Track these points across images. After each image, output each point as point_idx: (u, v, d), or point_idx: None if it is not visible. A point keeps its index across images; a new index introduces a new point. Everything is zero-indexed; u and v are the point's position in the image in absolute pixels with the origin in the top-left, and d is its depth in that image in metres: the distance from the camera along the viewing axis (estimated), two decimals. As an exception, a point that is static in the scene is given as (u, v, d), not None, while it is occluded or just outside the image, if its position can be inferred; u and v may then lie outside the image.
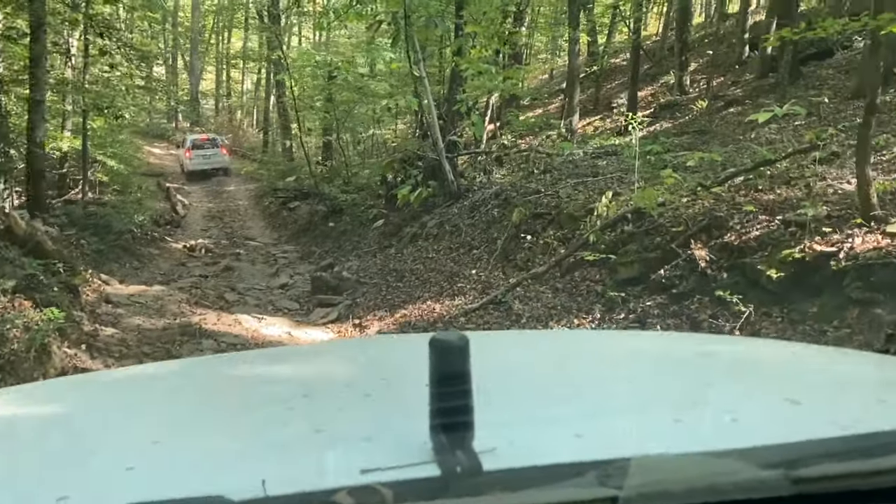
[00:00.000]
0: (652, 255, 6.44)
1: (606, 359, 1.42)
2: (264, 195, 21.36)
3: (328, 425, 0.96)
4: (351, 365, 1.44)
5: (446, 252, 10.11)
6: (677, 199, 6.78)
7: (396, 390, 1.13)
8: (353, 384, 1.24)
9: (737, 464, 0.72)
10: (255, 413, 1.08)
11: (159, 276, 11.43)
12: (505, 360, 1.31)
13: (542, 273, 7.50)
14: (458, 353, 0.76)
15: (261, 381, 1.31)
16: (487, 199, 10.79)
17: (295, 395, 1.13)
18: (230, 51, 34.03)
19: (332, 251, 13.54)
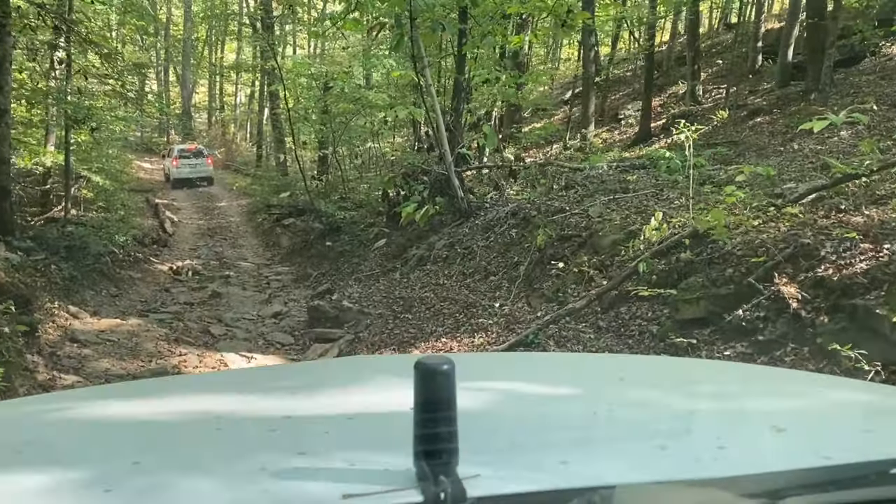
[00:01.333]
0: (723, 291, 5.21)
1: (593, 383, 1.37)
2: (257, 211, 20.09)
3: (311, 449, 0.92)
4: (334, 386, 1.38)
5: (459, 278, 8.86)
6: (746, 222, 5.56)
7: (380, 414, 1.08)
8: (337, 406, 1.17)
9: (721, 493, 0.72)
10: (237, 434, 1.04)
11: (139, 305, 10.13)
12: (491, 384, 1.27)
13: (581, 308, 6.25)
14: (443, 378, 0.74)
15: (243, 401, 1.25)
16: (503, 217, 9.56)
17: (277, 416, 1.08)
18: (223, 62, 32.78)
19: (329, 274, 12.26)
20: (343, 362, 3.05)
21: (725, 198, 6.00)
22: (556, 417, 1.08)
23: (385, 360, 2.65)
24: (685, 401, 1.24)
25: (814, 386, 1.51)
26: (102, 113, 16.85)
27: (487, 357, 3.22)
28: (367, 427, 1.03)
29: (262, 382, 1.46)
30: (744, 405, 1.20)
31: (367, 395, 1.26)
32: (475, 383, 1.11)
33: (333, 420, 1.07)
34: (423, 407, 0.74)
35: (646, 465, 0.85)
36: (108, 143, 20.97)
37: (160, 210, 19.51)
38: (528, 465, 0.84)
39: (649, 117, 15.46)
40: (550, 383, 1.37)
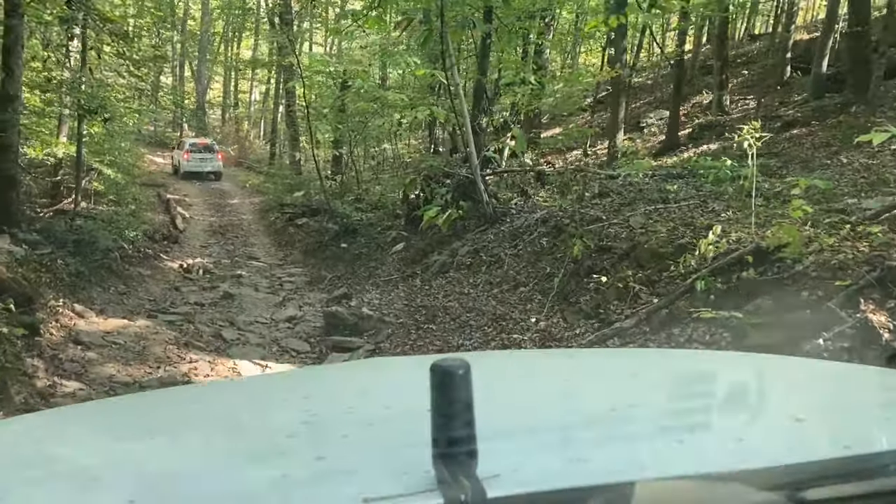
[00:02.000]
0: (797, 316, 4.63)
1: (610, 380, 1.35)
2: (270, 209, 19.57)
3: (330, 454, 0.91)
4: (351, 390, 1.35)
5: (486, 288, 8.30)
6: (820, 240, 4.99)
7: (398, 417, 1.05)
8: (355, 410, 1.14)
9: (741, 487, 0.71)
10: (256, 442, 1.03)
11: (147, 304, 9.59)
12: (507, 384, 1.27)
13: (629, 328, 5.68)
14: (459, 379, 0.73)
15: (260, 408, 1.24)
16: (532, 225, 9.00)
17: (295, 422, 1.06)
18: (239, 58, 32.30)
19: (345, 277, 11.71)
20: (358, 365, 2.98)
21: (792, 212, 5.43)
22: (573, 415, 1.07)
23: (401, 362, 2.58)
24: (702, 394, 1.19)
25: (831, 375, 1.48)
26: (116, 104, 16.32)
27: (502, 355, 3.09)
28: (385, 430, 1.01)
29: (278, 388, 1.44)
30: (761, 397, 1.18)
31: (384, 399, 1.23)
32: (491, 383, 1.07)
33: (352, 424, 1.05)
34: (440, 410, 0.73)
35: (664, 461, 0.84)
36: (120, 136, 20.48)
37: (171, 206, 19.00)
38: (547, 464, 0.83)
39: (677, 126, 14.89)
40: (567, 380, 1.34)
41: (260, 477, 0.86)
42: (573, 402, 1.18)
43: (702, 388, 1.25)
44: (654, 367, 1.51)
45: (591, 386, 1.32)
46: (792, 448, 0.87)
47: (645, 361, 1.70)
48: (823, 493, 0.70)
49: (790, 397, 1.19)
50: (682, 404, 1.11)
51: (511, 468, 0.78)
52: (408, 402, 1.09)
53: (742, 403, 1.14)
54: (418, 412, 0.80)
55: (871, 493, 0.70)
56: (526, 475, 0.78)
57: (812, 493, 0.69)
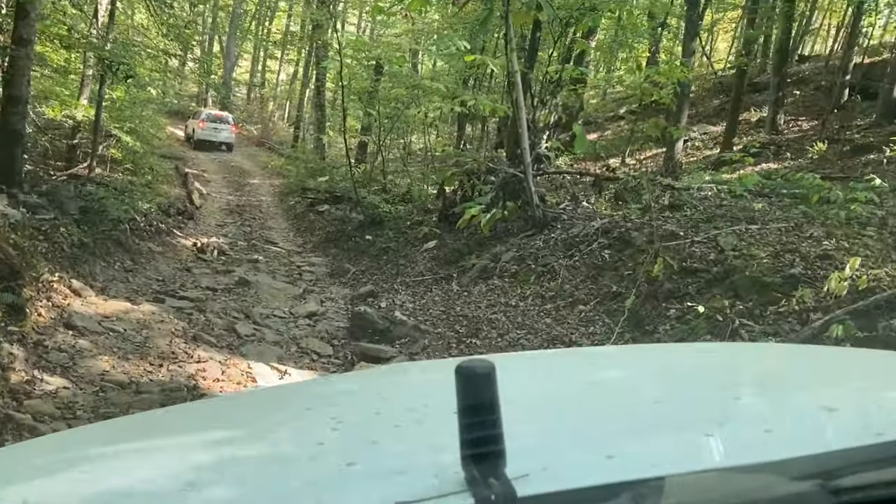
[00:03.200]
0: None
1: (634, 376, 1.30)
2: (290, 193, 18.50)
3: (359, 459, 0.88)
4: (376, 395, 1.29)
5: (537, 301, 7.20)
6: None
7: (426, 420, 1.02)
8: (382, 415, 1.12)
9: (773, 478, 0.70)
10: (284, 450, 1.01)
11: (155, 285, 8.52)
12: (533, 383, 1.23)
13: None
14: (484, 381, 0.72)
15: (287, 416, 1.19)
16: (591, 234, 7.89)
17: (324, 429, 1.03)
18: (270, 35, 31.20)
19: (370, 272, 10.61)
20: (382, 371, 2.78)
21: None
22: (600, 412, 1.05)
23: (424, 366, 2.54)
24: (729, 386, 1.15)
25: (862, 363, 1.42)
26: (141, 64, 15.25)
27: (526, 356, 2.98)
28: (414, 434, 0.99)
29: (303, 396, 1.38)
30: (790, 387, 1.14)
31: (410, 402, 1.16)
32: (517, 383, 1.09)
33: (380, 429, 1.02)
34: (467, 411, 0.71)
35: (693, 454, 0.83)
36: (143, 104, 19.46)
37: (189, 180, 17.93)
38: (575, 462, 0.82)
39: (732, 141, 13.74)
40: (592, 378, 1.29)
41: (291, 485, 0.83)
42: (599, 399, 1.13)
43: (729, 380, 1.20)
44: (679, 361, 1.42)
45: (615, 382, 1.26)
46: (822, 437, 0.86)
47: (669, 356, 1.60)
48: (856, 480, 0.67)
49: (819, 386, 1.13)
50: (709, 397, 1.07)
51: (540, 467, 0.76)
52: (434, 405, 1.05)
53: (770, 394, 1.10)
54: (445, 415, 0.77)
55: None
56: (555, 473, 0.76)
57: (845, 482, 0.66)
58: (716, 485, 0.71)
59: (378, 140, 16.18)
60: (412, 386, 1.38)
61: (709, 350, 2.09)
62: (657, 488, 0.68)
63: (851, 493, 0.66)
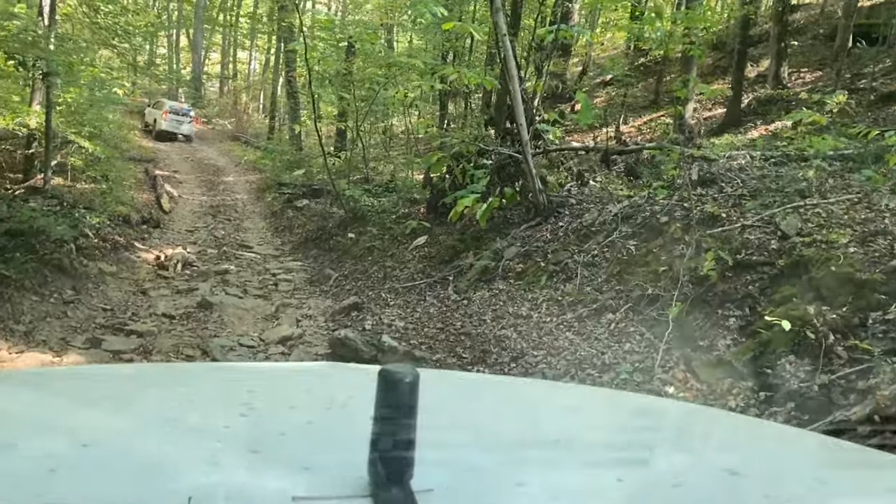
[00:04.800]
0: None
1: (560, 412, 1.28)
2: (267, 188, 16.97)
3: (265, 448, 0.85)
4: (297, 388, 1.27)
5: (553, 309, 5.79)
6: None
7: (341, 418, 1.01)
8: (297, 408, 1.08)
9: None
10: (191, 427, 0.97)
11: (100, 317, 7.06)
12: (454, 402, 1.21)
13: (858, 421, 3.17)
14: (406, 386, 0.70)
15: (202, 394, 1.17)
16: (608, 222, 6.47)
17: (235, 413, 0.98)
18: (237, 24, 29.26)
19: (354, 277, 9.18)
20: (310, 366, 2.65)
21: None
22: (516, 440, 1.03)
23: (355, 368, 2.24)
24: (647, 437, 1.14)
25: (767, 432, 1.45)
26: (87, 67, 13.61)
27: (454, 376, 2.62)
28: (325, 431, 0.95)
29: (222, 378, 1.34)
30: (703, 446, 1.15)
31: (330, 400, 1.14)
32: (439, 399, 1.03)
33: (291, 422, 0.98)
34: (382, 412, 0.70)
35: (601, 495, 0.82)
36: (102, 106, 17.80)
37: (158, 183, 16.34)
38: (483, 485, 0.79)
39: (740, 99, 12.30)
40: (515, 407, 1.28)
41: (190, 462, 0.81)
42: (518, 428, 1.11)
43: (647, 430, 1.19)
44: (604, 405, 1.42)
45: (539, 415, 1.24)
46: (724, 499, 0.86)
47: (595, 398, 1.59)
48: None
49: (729, 449, 1.13)
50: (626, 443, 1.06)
51: (445, 485, 0.74)
52: (352, 406, 1.03)
53: (683, 450, 1.10)
54: (362, 417, 0.74)
55: None
56: (460, 494, 0.75)
57: None
58: None
59: (356, 126, 14.63)
60: (335, 384, 1.31)
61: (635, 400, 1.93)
62: None
63: None
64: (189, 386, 1.21)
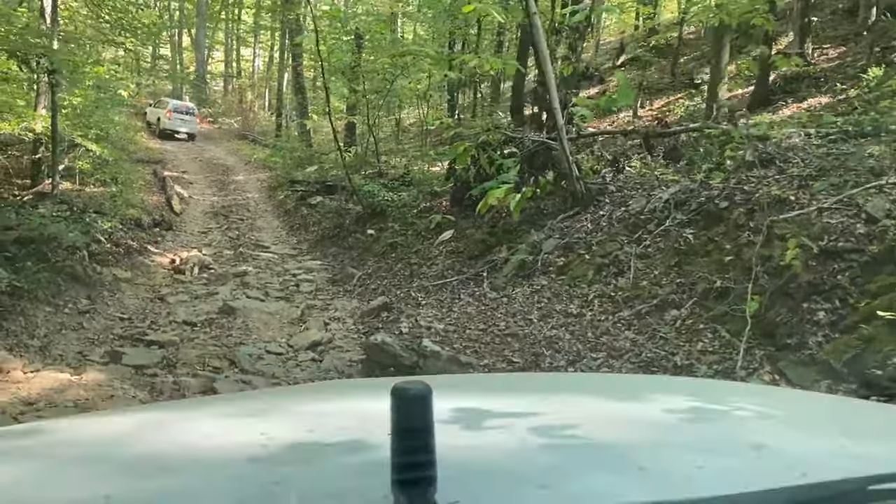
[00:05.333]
0: None
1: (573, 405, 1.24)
2: (279, 187, 16.49)
3: (287, 478, 0.83)
4: (313, 411, 1.23)
5: (606, 305, 5.31)
6: None
7: (358, 441, 0.97)
8: (314, 433, 1.04)
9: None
10: (212, 465, 0.92)
11: (117, 328, 6.61)
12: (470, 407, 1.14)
13: None
14: (420, 403, 0.69)
15: (219, 428, 1.11)
16: (658, 209, 5.97)
17: (254, 444, 0.95)
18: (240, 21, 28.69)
19: (378, 275, 8.71)
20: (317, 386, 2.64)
21: None
22: (535, 441, 0.99)
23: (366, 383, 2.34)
24: (666, 420, 1.12)
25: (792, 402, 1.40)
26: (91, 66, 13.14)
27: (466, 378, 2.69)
28: (344, 454, 0.93)
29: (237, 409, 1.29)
30: (723, 423, 1.12)
31: (346, 421, 1.11)
32: (454, 407, 1.02)
33: (311, 447, 0.97)
34: (400, 434, 0.69)
35: (625, 488, 0.80)
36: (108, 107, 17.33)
37: (168, 184, 15.89)
38: (507, 491, 0.79)
39: (768, 77, 11.75)
40: (530, 405, 1.21)
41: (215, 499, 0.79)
42: (535, 427, 1.04)
43: (664, 414, 1.16)
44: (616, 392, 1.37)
45: (552, 411, 1.18)
46: (750, 475, 0.84)
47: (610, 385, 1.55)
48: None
49: (748, 424, 1.10)
50: (645, 431, 1.03)
51: (470, 496, 0.73)
52: (369, 426, 0.97)
53: (703, 430, 1.08)
54: (379, 436, 0.76)
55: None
56: (485, 502, 0.74)
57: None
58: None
59: (367, 119, 14.13)
60: (347, 403, 1.30)
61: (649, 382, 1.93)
62: None
63: None
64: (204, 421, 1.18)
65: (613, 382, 1.79)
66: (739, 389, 1.82)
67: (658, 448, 0.95)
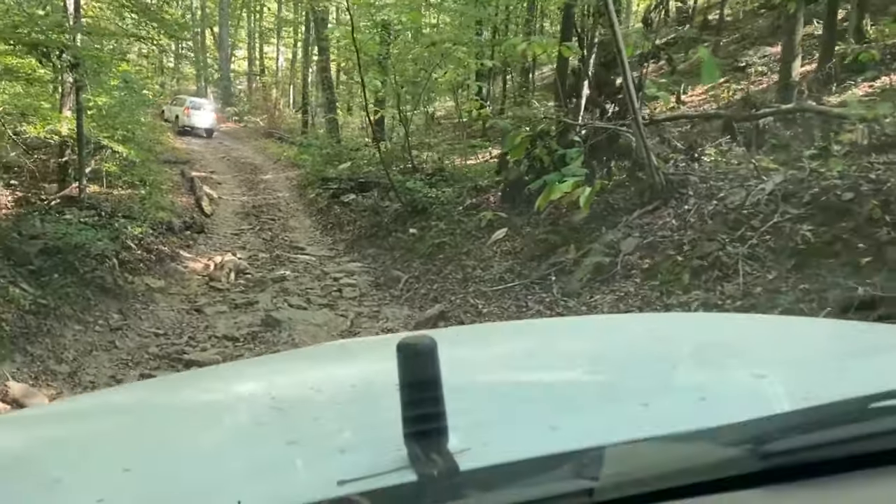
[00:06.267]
0: None
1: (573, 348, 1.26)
2: (309, 185, 15.79)
3: (300, 438, 0.84)
4: (319, 372, 1.22)
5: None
6: None
7: (368, 397, 0.99)
8: (323, 392, 1.05)
9: (706, 444, 0.70)
10: (225, 431, 0.95)
11: (153, 346, 5.92)
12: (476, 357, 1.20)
13: None
14: (426, 357, 0.68)
15: (229, 396, 1.13)
16: (763, 202, 5.14)
17: (264, 408, 0.97)
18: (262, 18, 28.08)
19: (427, 279, 7.95)
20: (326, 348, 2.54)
21: None
22: (542, 385, 1.01)
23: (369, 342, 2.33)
24: (666, 356, 1.12)
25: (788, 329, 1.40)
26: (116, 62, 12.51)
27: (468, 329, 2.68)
28: (356, 411, 0.94)
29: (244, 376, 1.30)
30: (723, 355, 1.10)
31: (354, 379, 1.11)
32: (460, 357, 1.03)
33: (322, 406, 0.97)
34: (408, 388, 0.68)
35: (631, 424, 0.80)
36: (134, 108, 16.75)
37: (196, 185, 15.25)
38: (517, 434, 0.79)
39: (832, 55, 10.78)
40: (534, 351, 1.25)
41: (231, 466, 0.79)
42: (541, 371, 1.08)
43: (664, 350, 1.16)
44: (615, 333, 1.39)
45: (554, 355, 1.21)
46: (753, 403, 0.83)
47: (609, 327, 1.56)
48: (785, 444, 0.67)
49: (750, 354, 1.09)
50: (646, 367, 1.04)
51: (481, 441, 0.74)
52: (377, 382, 1.00)
53: (703, 362, 1.06)
54: (388, 391, 0.73)
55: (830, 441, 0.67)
56: (496, 447, 0.74)
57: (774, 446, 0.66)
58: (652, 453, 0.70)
59: (399, 112, 13.36)
60: (353, 363, 1.28)
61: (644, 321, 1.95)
62: (597, 458, 0.66)
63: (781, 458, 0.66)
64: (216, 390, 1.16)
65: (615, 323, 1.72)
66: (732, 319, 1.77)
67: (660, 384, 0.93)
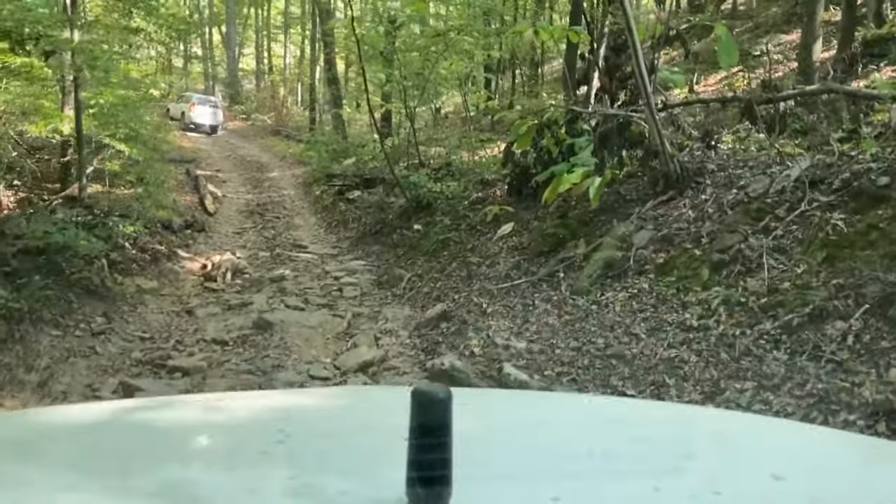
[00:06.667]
0: None
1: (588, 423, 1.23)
2: (315, 182, 15.45)
3: (303, 474, 0.84)
4: (330, 412, 1.23)
5: (739, 316, 4.05)
6: None
7: (375, 440, 0.97)
8: (332, 432, 1.05)
9: None
10: (229, 457, 0.95)
11: (136, 351, 5.55)
12: (488, 418, 1.16)
13: None
14: (439, 405, 0.68)
15: (237, 423, 1.11)
16: (788, 190, 4.68)
17: (271, 440, 0.94)
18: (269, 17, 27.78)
19: (430, 277, 7.54)
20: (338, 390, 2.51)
21: None
22: (551, 452, 0.99)
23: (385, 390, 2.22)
24: (684, 444, 1.07)
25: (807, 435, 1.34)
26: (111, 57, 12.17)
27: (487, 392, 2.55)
28: (361, 453, 0.92)
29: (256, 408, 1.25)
30: (742, 452, 1.06)
31: (363, 422, 1.10)
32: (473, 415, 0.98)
33: (327, 445, 0.96)
34: (417, 432, 0.68)
35: None
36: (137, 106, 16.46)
37: (200, 183, 14.93)
38: (519, 498, 0.77)
39: (852, 40, 10.24)
40: (548, 420, 1.20)
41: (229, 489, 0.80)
42: (552, 440, 1.05)
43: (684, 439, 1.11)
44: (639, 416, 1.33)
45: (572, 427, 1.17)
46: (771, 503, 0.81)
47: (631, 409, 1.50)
48: None
49: (769, 456, 1.03)
50: (662, 452, 1.01)
51: (484, 499, 0.73)
52: (387, 427, 0.96)
53: (722, 457, 1.03)
54: (396, 438, 0.73)
55: None
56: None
57: None
58: None
59: (405, 106, 12.95)
60: (367, 407, 1.27)
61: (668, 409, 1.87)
62: None
63: None
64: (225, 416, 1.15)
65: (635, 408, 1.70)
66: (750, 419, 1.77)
67: (675, 471, 0.91)
